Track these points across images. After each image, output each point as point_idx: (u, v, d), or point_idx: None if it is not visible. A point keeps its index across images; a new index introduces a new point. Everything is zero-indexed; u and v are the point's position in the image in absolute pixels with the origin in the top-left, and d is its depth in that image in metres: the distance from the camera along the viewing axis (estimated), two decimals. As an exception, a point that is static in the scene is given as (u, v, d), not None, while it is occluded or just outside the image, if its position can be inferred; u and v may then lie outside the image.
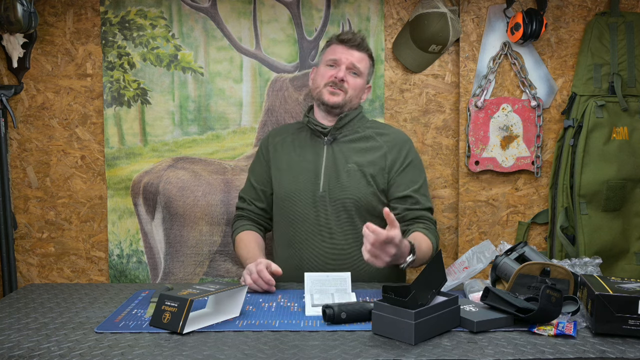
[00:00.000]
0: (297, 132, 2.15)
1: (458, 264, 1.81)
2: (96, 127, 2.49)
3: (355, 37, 2.06)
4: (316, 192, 2.00)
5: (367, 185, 1.99)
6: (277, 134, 2.19)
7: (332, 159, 2.03)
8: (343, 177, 1.99)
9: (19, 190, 2.51)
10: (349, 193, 1.98)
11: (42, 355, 1.28)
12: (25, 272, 2.54)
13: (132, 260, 2.52)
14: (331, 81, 2.02)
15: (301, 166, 2.05)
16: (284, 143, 2.13)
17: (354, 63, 2.03)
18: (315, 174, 2.02)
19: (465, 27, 2.44)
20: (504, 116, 2.45)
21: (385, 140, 2.07)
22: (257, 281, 1.74)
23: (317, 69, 2.13)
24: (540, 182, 2.50)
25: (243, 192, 2.20)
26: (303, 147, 2.09)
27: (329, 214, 1.99)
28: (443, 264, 1.46)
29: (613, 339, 1.34)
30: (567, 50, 2.45)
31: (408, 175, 2.02)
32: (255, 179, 2.16)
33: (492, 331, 1.40)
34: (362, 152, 2.03)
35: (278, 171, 2.09)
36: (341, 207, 1.99)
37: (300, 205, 2.02)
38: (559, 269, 1.55)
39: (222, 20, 2.45)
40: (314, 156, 2.05)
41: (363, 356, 1.25)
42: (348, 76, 2.03)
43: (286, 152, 2.11)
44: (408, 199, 2.00)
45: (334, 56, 2.05)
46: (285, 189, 2.05)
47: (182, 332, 1.38)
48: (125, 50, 2.45)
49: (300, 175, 2.04)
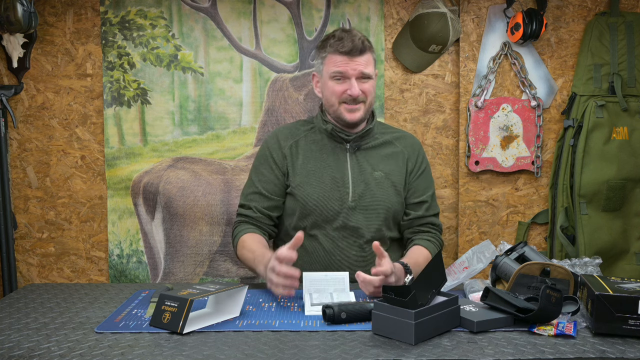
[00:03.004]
0: (309, 134, 2.01)
1: (458, 264, 1.81)
2: (96, 127, 2.49)
3: (356, 44, 1.86)
4: (344, 201, 1.92)
5: (396, 194, 1.95)
6: (286, 137, 2.01)
7: (358, 167, 1.95)
8: (372, 186, 1.93)
9: (19, 190, 2.51)
10: (380, 202, 1.93)
11: (42, 355, 1.28)
12: (25, 272, 2.54)
13: (132, 260, 2.52)
14: (345, 98, 1.88)
15: (326, 173, 1.94)
16: (299, 147, 1.98)
17: (362, 71, 1.87)
18: (342, 183, 1.93)
19: (465, 27, 2.44)
20: (504, 116, 2.45)
21: (404, 145, 2.01)
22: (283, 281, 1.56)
23: (321, 80, 1.95)
24: (540, 182, 2.50)
25: (246, 197, 2.00)
26: (323, 152, 1.96)
27: (359, 222, 1.92)
28: (443, 264, 1.46)
29: (613, 339, 1.34)
30: (567, 50, 2.45)
31: (424, 181, 2.01)
32: (264, 186, 1.97)
33: (492, 331, 1.40)
34: (386, 160, 1.98)
35: (298, 177, 1.94)
36: (373, 215, 1.93)
37: (328, 213, 1.92)
38: (559, 269, 1.55)
39: (222, 20, 2.45)
40: (337, 163, 1.95)
41: (363, 356, 1.25)
42: (361, 85, 1.88)
43: (305, 158, 1.96)
44: (423, 204, 1.99)
45: (339, 69, 1.87)
46: (311, 197, 1.92)
47: (182, 332, 1.38)
48: (125, 50, 2.45)
49: (326, 184, 1.93)
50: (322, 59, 1.93)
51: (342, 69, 1.87)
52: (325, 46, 1.91)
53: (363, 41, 1.89)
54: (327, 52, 1.90)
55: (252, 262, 1.82)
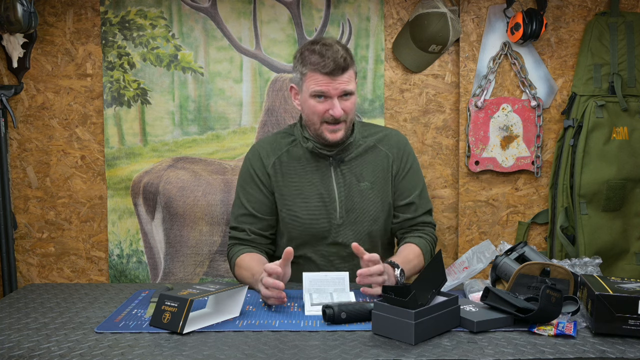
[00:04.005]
0: (291, 148, 1.94)
1: (458, 264, 1.81)
2: (96, 127, 2.49)
3: (338, 64, 1.76)
4: (332, 219, 1.90)
5: (381, 203, 1.94)
6: (268, 154, 1.94)
7: (343, 181, 1.92)
8: (358, 200, 1.92)
9: (19, 190, 2.51)
10: (366, 216, 1.93)
11: (42, 355, 1.28)
12: (25, 272, 2.54)
13: (132, 260, 2.52)
14: (326, 118, 1.81)
15: (312, 191, 1.90)
16: (282, 165, 1.92)
17: (345, 90, 1.79)
18: (329, 199, 1.90)
19: (465, 27, 2.44)
20: (504, 116, 2.45)
21: (388, 147, 1.97)
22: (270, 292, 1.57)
23: (301, 95, 1.86)
24: (540, 182, 2.50)
25: (237, 220, 1.93)
26: (307, 169, 1.92)
27: (347, 238, 1.91)
28: (443, 264, 1.46)
29: (613, 339, 1.34)
30: (567, 50, 2.45)
31: (410, 182, 1.97)
32: (253, 207, 1.92)
33: (492, 331, 1.40)
34: (371, 168, 1.94)
35: (285, 198, 1.91)
36: (360, 229, 1.93)
37: (317, 232, 1.91)
38: (559, 269, 1.55)
39: (222, 20, 2.45)
40: (322, 179, 1.91)
41: (363, 356, 1.25)
42: (342, 103, 1.80)
43: (290, 176, 1.92)
44: (410, 206, 1.96)
45: (321, 88, 1.78)
46: (300, 218, 1.90)
47: (182, 332, 1.38)
48: (125, 50, 2.45)
49: (312, 203, 1.90)
50: (301, 75, 1.82)
51: (323, 89, 1.78)
52: (306, 63, 1.80)
53: (345, 58, 1.78)
54: (308, 69, 1.79)
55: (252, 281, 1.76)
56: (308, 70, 1.79)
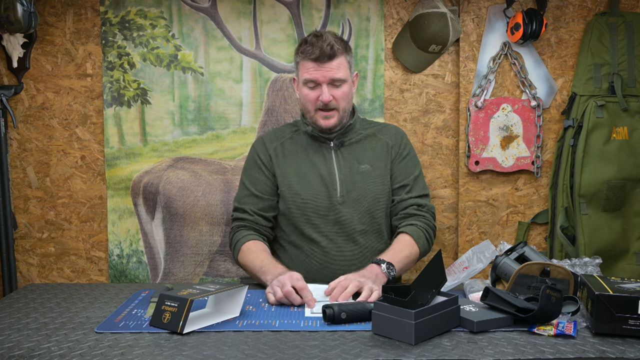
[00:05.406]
0: (294, 135, 2.05)
1: (458, 264, 1.82)
2: (96, 127, 2.49)
3: (324, 51, 1.86)
4: (333, 197, 1.95)
5: (382, 184, 1.99)
6: (271, 140, 2.06)
7: (344, 163, 1.99)
8: (359, 180, 1.97)
9: (19, 190, 2.51)
10: (368, 195, 1.97)
11: (42, 355, 1.28)
12: (25, 272, 2.54)
13: (132, 260, 2.52)
14: (319, 105, 1.92)
15: (313, 172, 1.98)
16: (285, 149, 2.03)
17: (332, 78, 1.89)
18: (330, 179, 1.96)
19: (465, 27, 2.44)
20: (504, 116, 2.45)
21: (388, 135, 2.06)
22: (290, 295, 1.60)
23: (298, 85, 1.98)
24: (540, 182, 2.50)
25: (240, 201, 2.02)
26: (308, 151, 2.01)
27: (349, 217, 1.95)
28: (443, 264, 1.46)
29: (613, 339, 1.34)
30: (567, 50, 2.45)
31: (406, 166, 2.03)
32: (256, 187, 2.01)
33: (492, 331, 1.40)
34: (371, 152, 2.02)
35: (286, 178, 1.99)
36: (362, 208, 1.96)
37: (319, 210, 1.95)
38: (559, 269, 1.55)
39: (222, 20, 2.45)
40: (323, 160, 1.99)
41: (363, 356, 1.25)
42: (333, 91, 1.90)
43: (291, 158, 2.01)
44: (405, 187, 2.01)
45: (310, 76, 1.90)
46: (300, 196, 1.96)
47: (182, 332, 1.38)
48: (125, 50, 2.45)
49: (313, 182, 1.96)
50: (297, 64, 1.97)
51: (312, 77, 1.90)
52: (299, 52, 1.94)
53: (332, 46, 1.87)
54: (300, 58, 1.93)
55: (258, 270, 1.82)
56: (300, 59, 1.93)
